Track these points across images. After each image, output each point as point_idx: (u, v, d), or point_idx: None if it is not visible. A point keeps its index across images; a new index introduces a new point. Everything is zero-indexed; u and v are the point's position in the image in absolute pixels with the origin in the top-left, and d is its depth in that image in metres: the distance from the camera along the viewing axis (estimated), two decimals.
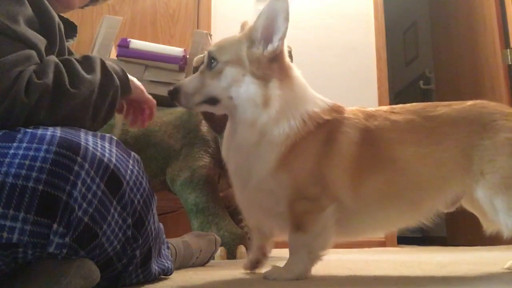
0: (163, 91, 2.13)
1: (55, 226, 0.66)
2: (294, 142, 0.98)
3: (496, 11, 2.87)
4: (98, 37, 2.24)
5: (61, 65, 0.80)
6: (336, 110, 1.07)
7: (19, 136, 0.69)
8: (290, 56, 1.92)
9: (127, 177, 0.77)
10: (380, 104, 2.92)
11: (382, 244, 2.68)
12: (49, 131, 0.70)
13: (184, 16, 2.89)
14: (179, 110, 2.08)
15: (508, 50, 2.80)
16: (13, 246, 0.64)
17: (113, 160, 0.75)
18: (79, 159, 0.69)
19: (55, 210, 0.66)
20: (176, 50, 2.20)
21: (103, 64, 0.90)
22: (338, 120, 1.04)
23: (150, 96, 1.16)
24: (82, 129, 0.77)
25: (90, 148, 0.71)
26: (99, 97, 0.86)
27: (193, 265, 1.42)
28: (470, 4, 3.17)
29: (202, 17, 2.89)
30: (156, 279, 0.97)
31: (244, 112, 1.02)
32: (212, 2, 2.92)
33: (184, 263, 1.35)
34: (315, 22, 3.01)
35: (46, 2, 0.88)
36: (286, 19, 0.99)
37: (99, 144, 0.75)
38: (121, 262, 0.79)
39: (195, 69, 1.84)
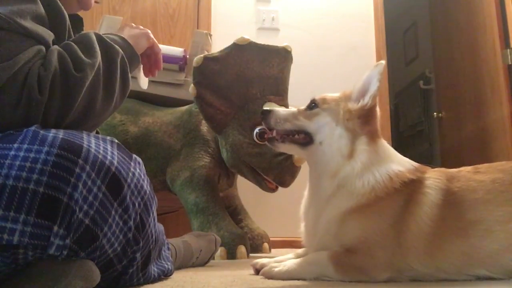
0: (163, 91, 2.13)
1: (55, 228, 0.66)
2: (378, 196, 0.98)
3: (496, 11, 2.87)
4: None
5: (63, 51, 0.81)
6: (420, 170, 1.06)
7: (20, 137, 0.69)
8: (290, 55, 1.94)
9: (128, 180, 0.77)
10: (380, 104, 2.91)
11: None
12: (52, 133, 0.70)
13: (184, 16, 2.89)
14: (179, 110, 2.08)
15: (508, 50, 2.80)
16: (14, 247, 0.64)
17: (115, 162, 0.74)
18: (80, 161, 0.69)
19: (55, 212, 0.66)
20: (176, 50, 2.20)
21: (100, 38, 0.90)
22: (420, 180, 1.02)
23: (154, 41, 1.14)
24: (85, 132, 0.77)
25: (92, 151, 0.71)
26: (107, 73, 0.87)
27: (193, 265, 1.42)
28: (470, 4, 3.17)
29: (202, 17, 2.89)
30: (156, 279, 0.97)
31: (328, 161, 1.06)
32: (212, 2, 2.92)
33: (184, 263, 1.35)
34: (315, 22, 3.00)
35: (59, 2, 0.89)
36: (379, 80, 1.09)
37: (101, 147, 0.75)
38: (121, 263, 0.79)
39: (195, 69, 1.84)
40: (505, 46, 2.83)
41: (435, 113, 3.63)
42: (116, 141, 0.81)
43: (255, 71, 1.86)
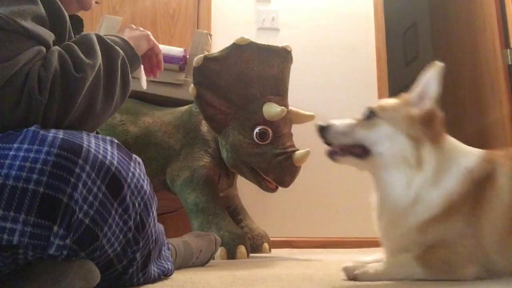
0: (163, 91, 2.13)
1: (55, 228, 0.66)
2: (454, 202, 0.98)
3: (496, 11, 2.87)
4: None
5: (63, 52, 0.81)
6: (488, 160, 1.05)
7: (20, 137, 0.69)
8: (290, 55, 1.94)
9: (128, 180, 0.77)
10: None
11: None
12: (51, 133, 0.70)
13: (184, 16, 2.89)
14: (179, 110, 2.08)
15: (508, 50, 2.80)
16: (14, 247, 0.64)
17: (115, 162, 0.75)
18: (80, 161, 0.69)
19: (55, 212, 0.66)
20: (176, 50, 2.20)
21: (100, 39, 0.90)
22: (492, 172, 1.01)
23: (154, 42, 1.15)
24: (84, 132, 0.77)
25: (92, 151, 0.71)
26: (107, 74, 0.87)
27: (193, 265, 1.42)
28: (470, 4, 3.17)
29: (202, 17, 2.89)
30: (156, 280, 0.97)
31: (397, 172, 1.03)
32: (212, 2, 2.92)
33: (184, 263, 1.35)
34: (315, 22, 3.00)
35: (59, 3, 0.89)
36: (438, 83, 1.05)
37: (101, 147, 0.75)
38: (121, 263, 0.79)
39: (195, 69, 1.84)
40: (505, 46, 2.83)
41: None
42: (116, 141, 0.81)
43: (255, 71, 1.86)
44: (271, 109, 1.80)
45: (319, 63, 2.93)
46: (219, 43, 2.31)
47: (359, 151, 1.07)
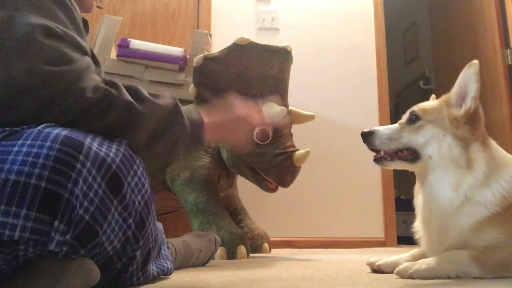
0: (163, 91, 2.13)
1: (56, 223, 0.66)
2: (508, 204, 0.99)
3: (496, 11, 2.87)
4: (98, 37, 2.24)
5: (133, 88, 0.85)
6: None
7: (25, 134, 0.69)
8: (290, 55, 1.94)
9: (129, 178, 0.77)
10: (380, 104, 2.92)
11: (382, 244, 2.69)
12: (56, 130, 0.70)
13: (184, 16, 2.89)
14: None
15: (508, 50, 2.80)
16: (15, 243, 0.64)
17: (117, 160, 0.75)
18: (81, 157, 0.69)
19: (56, 207, 0.66)
20: (176, 50, 2.20)
21: (176, 110, 0.90)
22: None
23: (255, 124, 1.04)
24: (92, 133, 0.77)
25: (94, 148, 0.72)
26: (159, 125, 0.86)
27: (193, 265, 1.42)
28: (470, 4, 3.17)
29: (202, 17, 2.89)
30: (155, 279, 0.97)
31: (445, 173, 1.04)
32: (212, 2, 2.92)
33: (184, 263, 1.35)
34: (315, 22, 3.00)
35: (76, 11, 0.90)
36: (477, 81, 1.05)
37: (105, 145, 0.75)
38: (121, 261, 0.79)
39: (195, 69, 1.84)
40: (505, 46, 2.83)
41: None
42: (125, 141, 0.81)
43: (255, 71, 1.86)
44: (271, 109, 1.80)
45: (319, 63, 2.93)
46: (219, 43, 2.31)
47: (408, 155, 1.07)
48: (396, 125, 1.11)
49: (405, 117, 1.11)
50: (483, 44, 2.99)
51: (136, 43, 2.18)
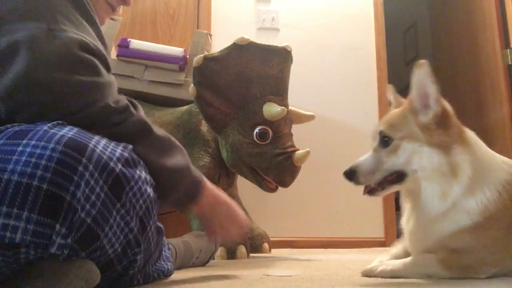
0: (163, 91, 2.14)
1: (57, 226, 0.66)
2: (490, 215, 0.98)
3: (496, 11, 2.87)
4: None
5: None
6: None
7: (30, 134, 0.69)
8: (290, 55, 1.94)
9: (132, 182, 0.77)
10: (380, 104, 2.92)
11: (382, 244, 2.68)
12: (62, 131, 0.70)
13: (184, 16, 2.89)
14: (179, 110, 2.08)
15: (508, 50, 2.80)
16: (16, 246, 0.64)
17: (120, 164, 0.74)
18: (84, 160, 0.69)
19: (58, 210, 0.66)
20: (176, 50, 2.20)
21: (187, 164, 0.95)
22: None
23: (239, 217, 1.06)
24: (99, 135, 0.77)
25: (97, 151, 0.71)
26: (169, 151, 0.92)
27: (193, 265, 1.42)
28: (470, 4, 3.17)
29: (202, 17, 2.89)
30: (156, 280, 0.97)
31: (431, 184, 1.02)
32: (212, 2, 2.92)
33: (184, 263, 1.35)
34: (315, 22, 3.00)
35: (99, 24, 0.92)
36: (433, 82, 1.02)
37: (110, 148, 0.75)
38: (122, 264, 0.79)
39: (195, 69, 1.84)
40: (505, 46, 2.83)
41: None
42: (130, 146, 0.81)
43: (255, 71, 1.86)
44: (271, 109, 1.80)
45: (319, 63, 2.93)
46: (219, 43, 2.31)
47: (395, 178, 1.05)
48: (372, 153, 1.08)
49: (376, 138, 1.08)
50: (483, 44, 2.99)
51: (136, 43, 2.18)
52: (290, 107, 1.92)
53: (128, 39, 2.18)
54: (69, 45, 0.77)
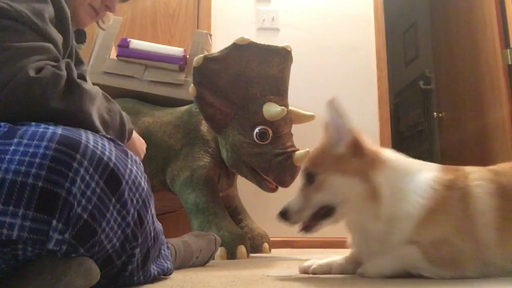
0: (163, 91, 2.14)
1: (54, 222, 0.66)
2: (432, 209, 0.99)
3: (496, 11, 2.87)
4: (98, 37, 2.24)
5: (72, 66, 0.85)
6: (452, 168, 1.07)
7: (19, 132, 0.70)
8: (290, 55, 1.94)
9: (126, 176, 0.77)
10: (380, 104, 2.92)
11: None
12: (51, 129, 0.71)
13: (184, 16, 2.89)
14: (179, 110, 2.08)
15: (508, 50, 2.80)
16: (13, 243, 0.64)
17: (113, 158, 0.75)
18: (78, 156, 0.69)
19: (54, 206, 0.66)
20: (176, 50, 2.20)
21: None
22: (463, 175, 1.03)
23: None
24: (82, 129, 0.78)
25: (90, 146, 0.72)
26: (108, 108, 0.92)
27: (193, 265, 1.42)
28: (470, 4, 3.17)
29: (202, 17, 2.89)
30: (156, 279, 0.97)
31: (360, 211, 1.04)
32: (212, 2, 2.92)
33: (184, 263, 1.35)
34: (315, 22, 3.00)
35: (65, 4, 0.92)
36: (341, 115, 1.06)
37: (100, 143, 0.75)
38: (121, 259, 0.79)
39: (195, 69, 1.84)
40: (505, 46, 2.83)
41: (435, 113, 3.63)
42: (113, 139, 0.82)
43: (255, 71, 1.86)
44: (271, 109, 1.80)
45: (319, 63, 2.93)
46: (219, 43, 2.31)
47: (325, 212, 1.07)
48: (299, 192, 1.11)
49: (303, 177, 1.11)
50: (483, 44, 2.99)
51: (136, 43, 2.18)
52: (290, 107, 1.92)
53: (128, 39, 2.18)
54: None
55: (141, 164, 0.87)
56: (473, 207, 0.99)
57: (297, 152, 1.80)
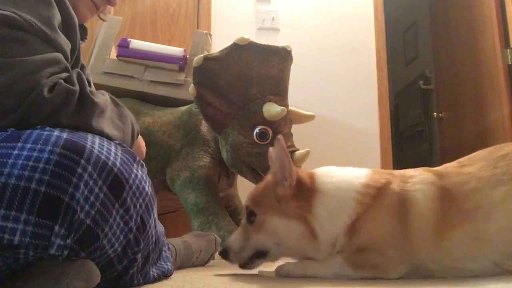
0: (163, 91, 2.13)
1: (56, 227, 0.65)
2: (361, 211, 1.01)
3: (496, 11, 2.87)
4: (98, 37, 2.24)
5: (83, 76, 0.84)
6: (384, 172, 1.09)
7: (23, 136, 0.69)
8: (290, 55, 1.94)
9: (130, 181, 0.77)
10: (380, 104, 2.92)
11: None
12: (56, 133, 0.70)
13: (184, 16, 2.89)
14: (179, 110, 2.08)
15: (508, 50, 2.80)
16: (15, 247, 0.64)
17: (117, 163, 0.75)
18: (82, 161, 0.69)
19: (57, 211, 0.65)
20: (176, 50, 2.20)
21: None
22: (401, 180, 1.05)
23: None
24: (89, 133, 0.77)
25: (95, 151, 0.71)
26: (119, 114, 0.92)
27: (193, 265, 1.42)
28: (470, 4, 3.17)
29: (202, 17, 2.89)
30: (156, 280, 0.97)
31: (297, 250, 1.06)
32: (212, 2, 2.92)
33: (184, 263, 1.35)
34: (315, 22, 3.00)
35: (72, 12, 0.90)
36: (286, 155, 1.05)
37: (105, 147, 0.75)
38: (122, 264, 0.79)
39: (195, 69, 1.84)
40: (505, 46, 2.83)
41: (435, 113, 3.63)
42: (121, 143, 0.81)
43: (255, 71, 1.86)
44: (271, 109, 1.80)
45: (319, 63, 2.93)
46: (219, 43, 2.31)
47: (258, 254, 1.08)
48: (240, 230, 1.12)
49: (245, 214, 1.11)
50: (483, 44, 2.99)
51: (136, 43, 2.18)
52: (290, 107, 1.92)
53: (128, 39, 2.18)
54: None
55: (145, 167, 0.87)
56: (409, 211, 1.00)
57: (297, 152, 1.80)
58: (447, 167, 1.12)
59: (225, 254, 1.11)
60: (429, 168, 1.12)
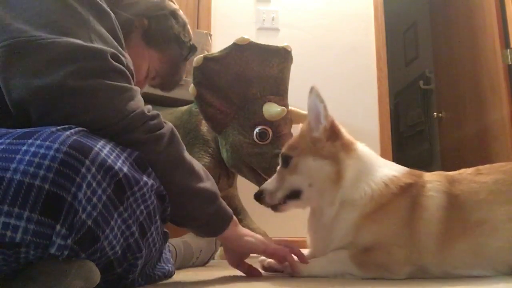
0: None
1: (58, 227, 0.65)
2: (379, 204, 1.02)
3: (496, 11, 2.87)
4: None
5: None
6: (415, 174, 1.10)
7: (36, 134, 0.69)
8: (290, 55, 1.94)
9: (135, 188, 0.76)
10: (380, 104, 2.92)
11: None
12: (67, 132, 0.70)
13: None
14: (179, 110, 2.08)
15: (508, 50, 2.80)
16: (16, 245, 0.64)
17: (124, 169, 0.74)
18: (87, 161, 0.68)
19: (59, 210, 0.65)
20: None
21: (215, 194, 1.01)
22: (421, 184, 1.06)
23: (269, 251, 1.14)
24: (105, 138, 0.76)
25: (102, 154, 0.71)
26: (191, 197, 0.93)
27: (193, 265, 1.42)
28: (470, 4, 3.17)
29: (202, 17, 2.89)
30: (157, 281, 0.97)
31: (323, 193, 1.08)
32: (212, 2, 2.92)
33: (184, 263, 1.35)
34: (315, 22, 3.00)
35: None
36: (321, 101, 1.14)
37: (115, 153, 0.75)
38: (122, 267, 0.79)
39: (195, 69, 1.84)
40: (505, 46, 2.83)
41: (435, 113, 3.63)
42: (136, 153, 0.80)
43: (255, 71, 1.86)
44: (271, 109, 1.80)
45: (319, 63, 2.93)
46: (219, 43, 2.31)
47: (293, 194, 1.12)
48: (276, 175, 1.16)
49: (280, 160, 1.16)
50: (483, 44, 2.99)
51: None
52: (290, 107, 1.92)
53: None
54: (102, 55, 0.79)
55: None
56: (419, 216, 1.01)
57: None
58: (463, 172, 1.11)
59: (259, 196, 1.15)
60: (445, 173, 1.12)
